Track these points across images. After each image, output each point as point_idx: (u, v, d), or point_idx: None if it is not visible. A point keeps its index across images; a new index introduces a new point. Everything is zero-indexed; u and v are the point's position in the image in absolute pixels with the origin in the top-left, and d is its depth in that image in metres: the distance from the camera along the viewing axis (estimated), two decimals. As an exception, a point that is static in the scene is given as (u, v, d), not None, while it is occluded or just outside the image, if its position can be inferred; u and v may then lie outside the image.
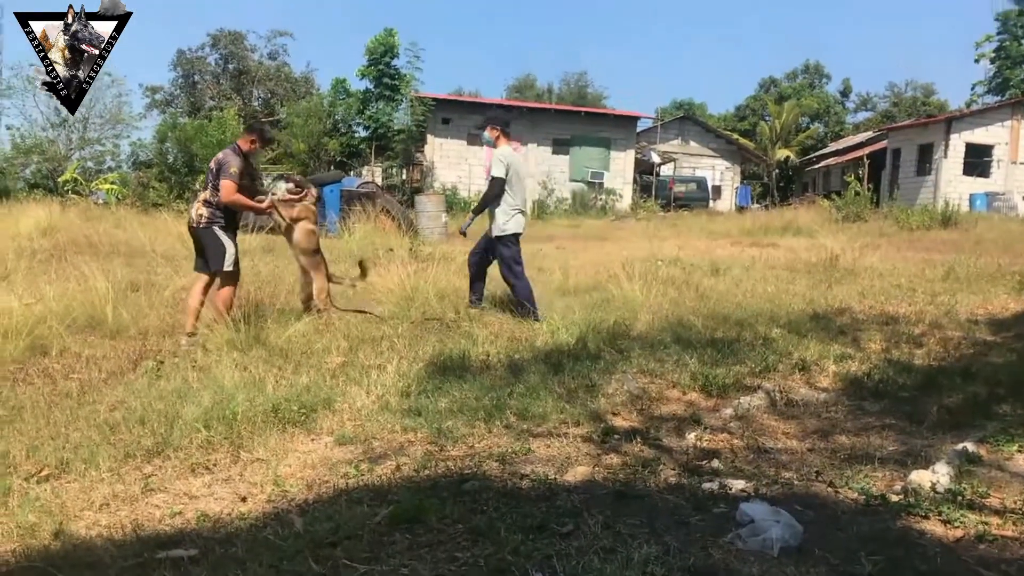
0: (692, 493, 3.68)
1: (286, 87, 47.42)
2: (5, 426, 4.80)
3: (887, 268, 11.63)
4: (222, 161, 7.08)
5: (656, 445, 4.46)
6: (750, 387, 5.57)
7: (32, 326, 6.69)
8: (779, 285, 9.96)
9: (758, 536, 3.08)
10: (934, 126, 33.82)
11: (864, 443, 4.53)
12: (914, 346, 6.76)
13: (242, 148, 7.28)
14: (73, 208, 18.48)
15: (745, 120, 60.62)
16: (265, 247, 13.71)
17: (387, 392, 5.28)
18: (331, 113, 34.08)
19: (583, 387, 5.41)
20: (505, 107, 34.74)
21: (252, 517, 3.50)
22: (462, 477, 3.87)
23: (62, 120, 37.53)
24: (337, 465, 4.14)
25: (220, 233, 7.08)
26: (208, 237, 7.09)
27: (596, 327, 6.94)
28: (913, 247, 15.85)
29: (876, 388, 5.60)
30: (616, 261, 11.70)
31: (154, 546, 3.20)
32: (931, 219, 20.88)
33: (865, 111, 66.91)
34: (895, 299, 8.90)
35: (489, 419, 4.73)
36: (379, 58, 31.60)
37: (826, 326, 7.32)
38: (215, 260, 7.08)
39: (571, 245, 16.99)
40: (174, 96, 47.74)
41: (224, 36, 47.46)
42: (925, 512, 3.41)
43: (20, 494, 3.75)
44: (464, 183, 32.28)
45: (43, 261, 11.08)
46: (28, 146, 36.12)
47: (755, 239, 18.29)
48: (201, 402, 4.90)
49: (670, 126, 43.22)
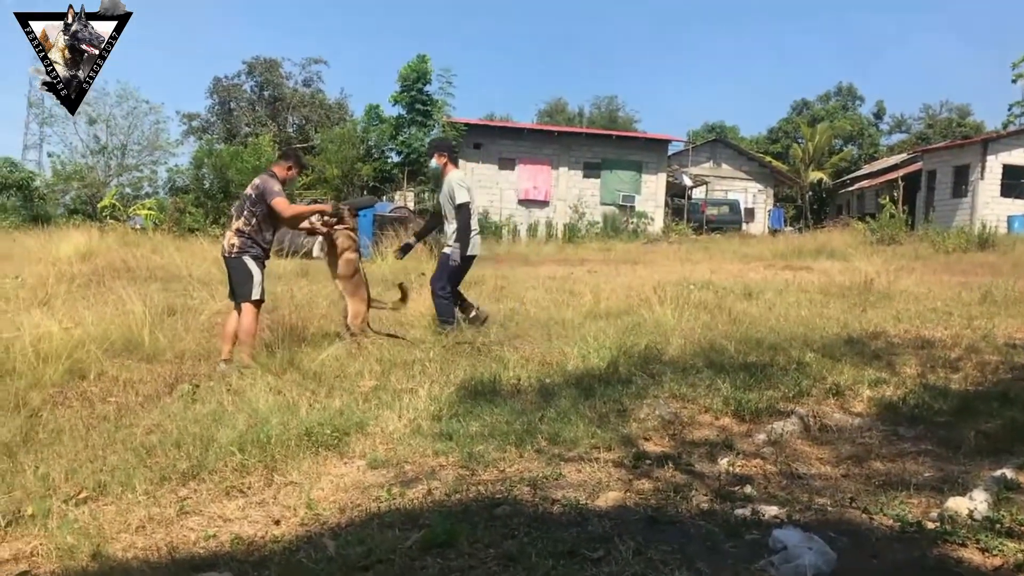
0: (724, 519, 3.65)
1: (320, 113, 47.98)
2: (45, 449, 4.89)
3: (922, 291, 11.50)
4: (263, 187, 7.12)
5: (688, 470, 4.43)
6: (783, 412, 5.51)
7: (71, 350, 6.81)
8: (813, 309, 9.88)
9: (791, 563, 3.05)
10: (970, 147, 33.46)
11: (899, 469, 4.47)
12: (950, 371, 6.66)
13: (278, 175, 7.32)
14: (111, 233, 18.81)
15: (778, 143, 60.34)
16: (299, 271, 13.85)
17: (419, 416, 5.30)
18: (364, 139, 34.39)
19: (614, 412, 5.40)
20: (536, 131, 34.89)
21: (285, 540, 3.53)
22: (493, 502, 3.87)
23: (101, 147, 38.39)
24: (369, 489, 4.16)
25: (249, 262, 7.10)
26: (237, 266, 7.11)
27: (628, 351, 6.93)
28: (949, 270, 15.66)
29: (911, 413, 5.53)
30: (648, 285, 11.68)
31: (189, 568, 3.24)
32: (967, 241, 20.64)
33: (899, 133, 66.52)
34: (931, 323, 8.79)
35: (520, 443, 4.73)
36: (412, 84, 31.85)
37: (860, 350, 7.24)
38: (243, 290, 7.08)
39: (603, 269, 16.98)
40: (210, 123, 48.48)
41: (260, 64, 48.20)
42: (962, 540, 3.35)
43: (59, 516, 3.81)
44: (495, 207, 32.41)
45: (82, 285, 11.26)
46: (68, 173, 36.93)
47: (788, 262, 18.18)
48: (236, 425, 4.96)
49: (702, 149, 43.16)
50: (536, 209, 33.03)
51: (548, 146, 33.54)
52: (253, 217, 7.11)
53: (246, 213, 7.14)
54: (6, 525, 3.72)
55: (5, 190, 33.15)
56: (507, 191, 32.95)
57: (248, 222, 7.11)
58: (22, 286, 9.85)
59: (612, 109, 65.54)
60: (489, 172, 33.10)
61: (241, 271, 7.09)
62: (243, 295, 7.08)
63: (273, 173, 7.34)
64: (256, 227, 7.15)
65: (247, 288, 7.06)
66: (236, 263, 7.10)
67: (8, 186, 33.26)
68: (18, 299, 8.88)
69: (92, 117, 38.52)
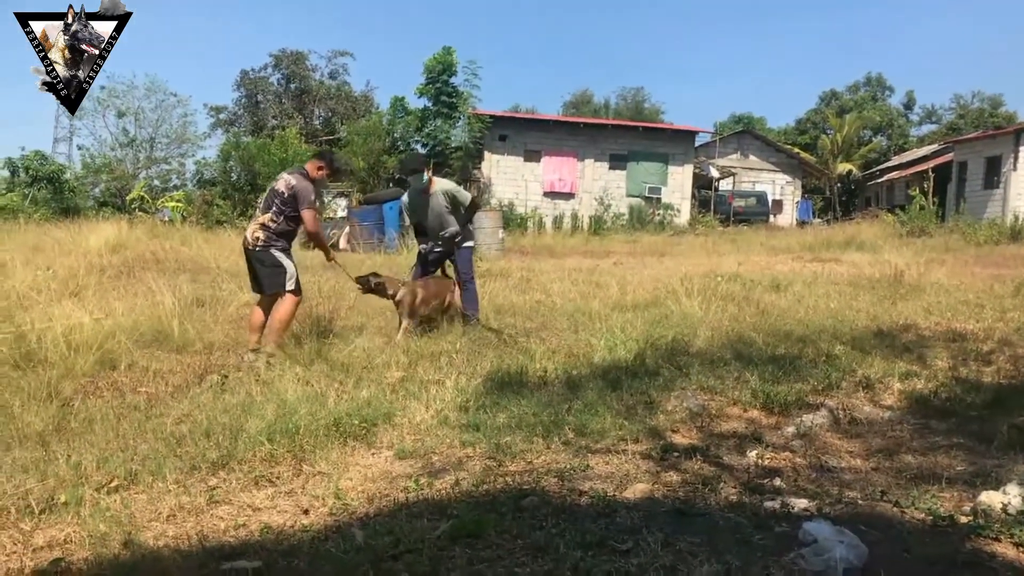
0: (753, 512, 3.63)
1: (346, 106, 48.08)
2: (77, 438, 4.95)
3: (954, 284, 11.36)
4: (298, 189, 7.08)
5: (716, 463, 4.41)
6: (813, 405, 5.48)
7: (102, 340, 6.89)
8: (842, 301, 9.79)
9: (821, 556, 3.03)
10: (1002, 138, 32.92)
11: (931, 463, 4.42)
12: (983, 364, 6.59)
13: (310, 174, 7.28)
14: (140, 225, 18.96)
15: (806, 134, 59.75)
16: (326, 263, 13.90)
17: (446, 407, 5.32)
18: (390, 131, 34.44)
19: (642, 404, 5.38)
20: (562, 123, 34.77)
21: (314, 530, 3.55)
22: (521, 493, 3.87)
23: (130, 140, 38.79)
24: (397, 479, 4.17)
25: (279, 254, 7.11)
26: (266, 258, 7.10)
27: (655, 343, 6.90)
28: (981, 262, 15.46)
29: (943, 406, 5.47)
30: (675, 277, 11.63)
31: (219, 557, 3.27)
32: (1000, 233, 20.40)
33: (930, 123, 65.57)
34: (962, 316, 8.69)
35: (547, 435, 4.73)
36: (437, 76, 31.82)
37: (891, 343, 7.18)
38: (273, 282, 7.10)
39: (629, 261, 16.93)
40: (237, 115, 48.72)
41: (286, 56, 48.37)
42: (996, 534, 3.31)
43: (91, 504, 3.86)
44: (521, 199, 32.35)
45: (112, 277, 11.39)
46: (98, 165, 37.36)
47: (817, 254, 18.02)
48: (265, 416, 4.99)
49: (729, 140, 42.84)
50: (562, 201, 32.92)
51: (574, 138, 33.39)
52: (281, 215, 7.10)
53: (274, 209, 7.11)
54: (40, 513, 3.77)
55: (36, 183, 33.53)
56: (532, 183, 32.85)
57: (276, 219, 7.10)
58: (53, 278, 9.95)
59: (638, 100, 65.07)
60: (515, 164, 33.04)
61: (270, 263, 7.09)
62: (277, 286, 7.09)
63: (306, 172, 7.29)
64: (283, 224, 7.15)
65: (280, 280, 7.08)
66: (263, 255, 7.10)
67: (39, 179, 33.63)
68: (50, 290, 8.97)
69: (121, 110, 38.98)
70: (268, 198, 7.25)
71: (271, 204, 7.14)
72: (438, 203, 8.25)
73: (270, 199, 7.20)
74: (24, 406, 5.48)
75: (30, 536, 3.54)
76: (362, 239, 18.93)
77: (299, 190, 7.08)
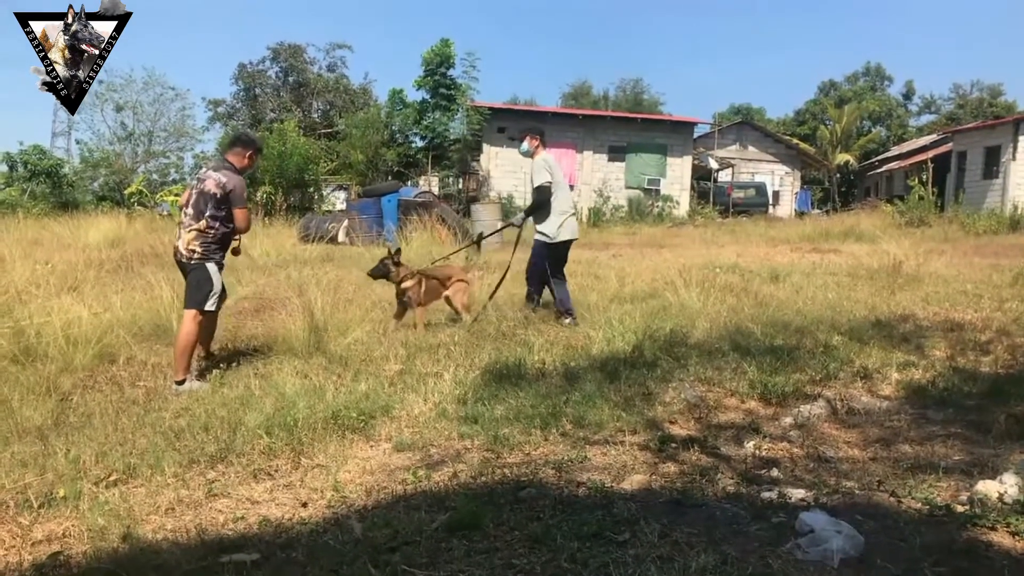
0: (751, 502, 3.64)
1: (344, 99, 47.91)
2: (76, 432, 4.96)
3: (952, 274, 11.36)
4: (232, 186, 6.36)
5: (714, 453, 4.42)
6: (810, 395, 5.49)
7: (101, 335, 6.89)
8: (840, 292, 9.79)
9: (818, 546, 3.04)
10: (1001, 128, 32.85)
11: (928, 452, 4.43)
12: (980, 353, 6.59)
13: (238, 165, 6.57)
14: (139, 220, 18.97)
15: (804, 124, 59.64)
16: (325, 256, 13.93)
17: (444, 399, 5.33)
18: (388, 124, 34.34)
19: (640, 395, 5.39)
20: (560, 115, 34.72)
21: (313, 522, 3.56)
22: (519, 484, 3.88)
23: (128, 134, 38.71)
24: (395, 471, 4.18)
25: (212, 268, 6.37)
26: (200, 273, 6.35)
27: (653, 335, 6.90)
28: (980, 252, 15.46)
29: (940, 396, 5.48)
30: (673, 268, 11.62)
31: (217, 550, 3.28)
32: (999, 223, 20.39)
33: (929, 113, 65.49)
34: (961, 305, 8.70)
35: (545, 427, 4.74)
36: (435, 69, 31.71)
37: (889, 333, 7.18)
38: (194, 297, 6.31)
39: (628, 253, 16.90)
40: (236, 109, 48.54)
41: (284, 49, 48.16)
42: (992, 523, 3.32)
43: (90, 498, 3.87)
44: (520, 191, 32.28)
45: (111, 271, 11.39)
46: (96, 160, 37.27)
47: (816, 245, 18.02)
48: (263, 409, 5.00)
49: (728, 131, 42.79)
50: (561, 193, 32.85)
51: (573, 130, 33.33)
52: (217, 220, 6.36)
53: (209, 215, 6.32)
54: (38, 507, 3.78)
55: (35, 177, 33.45)
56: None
57: (212, 225, 6.33)
58: (52, 272, 9.95)
59: (637, 92, 64.89)
60: (513, 156, 32.77)
61: (203, 278, 6.34)
62: (196, 303, 6.32)
63: (232, 166, 6.53)
64: (220, 229, 6.41)
65: (200, 296, 6.32)
66: (199, 268, 6.35)
67: (37, 173, 33.55)
68: (48, 285, 8.97)
69: (119, 104, 38.87)
70: (197, 202, 6.35)
71: (203, 209, 6.31)
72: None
73: (200, 203, 6.33)
74: (23, 400, 5.49)
75: (29, 530, 3.55)
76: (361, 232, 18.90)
77: (234, 187, 6.35)
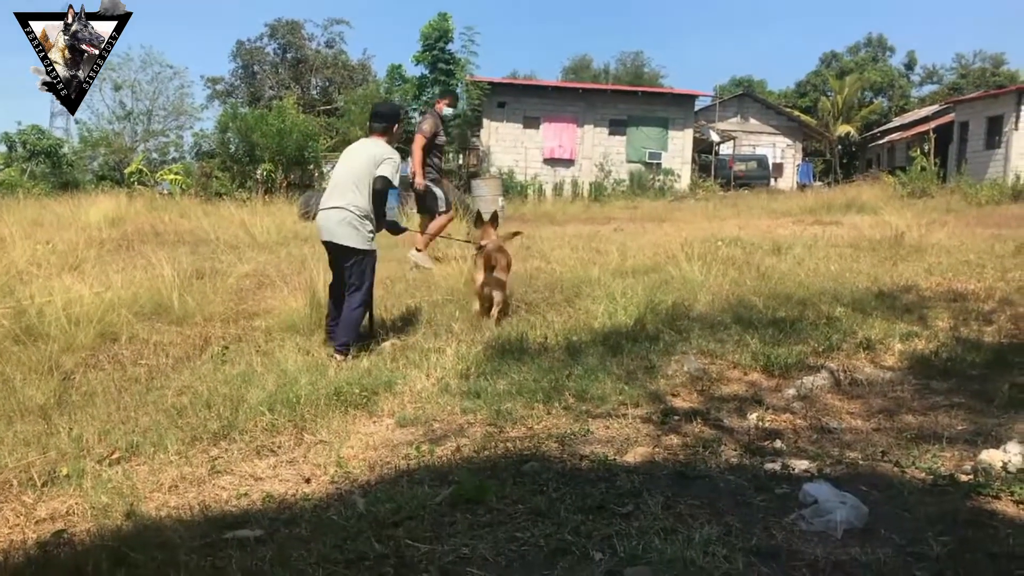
0: (754, 474, 3.64)
1: (343, 75, 47.69)
2: (78, 411, 4.96)
3: (955, 244, 11.29)
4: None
5: (717, 425, 4.42)
6: (813, 367, 5.47)
7: (102, 314, 6.88)
8: (843, 263, 9.75)
9: (822, 517, 3.04)
10: (1004, 97, 32.62)
11: (931, 422, 4.43)
12: (984, 323, 6.57)
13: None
14: (139, 199, 18.90)
15: (806, 96, 59.25)
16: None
17: (447, 374, 5.32)
18: (387, 99, 34.24)
19: (642, 368, 5.38)
20: (561, 89, 34.53)
21: (316, 498, 3.56)
22: (522, 458, 3.88)
23: (127, 113, 38.53)
24: (398, 447, 4.19)
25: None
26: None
27: (655, 308, 6.88)
28: (982, 222, 15.38)
29: (944, 366, 5.46)
30: (675, 242, 11.57)
31: (221, 526, 3.28)
32: (1001, 193, 20.28)
33: (931, 84, 65.01)
34: (963, 276, 8.66)
35: (548, 400, 4.74)
36: (434, 43, 31.44)
37: (891, 304, 7.15)
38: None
39: (629, 227, 16.84)
40: (234, 87, 48.39)
41: (282, 26, 47.90)
42: (996, 492, 3.32)
43: (93, 476, 3.88)
44: (520, 167, 32.18)
45: (112, 250, 11.37)
46: (96, 139, 37.07)
47: (817, 217, 17.93)
48: (265, 386, 5.01)
49: (729, 104, 42.60)
50: (562, 168, 32.73)
51: (573, 104, 33.13)
52: None
53: None
54: (42, 485, 3.79)
55: (34, 157, 33.32)
56: (532, 150, 32.64)
57: None
58: (53, 252, 9.94)
59: (638, 65, 64.37)
60: (514, 131, 32.82)
61: None
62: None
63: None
64: None
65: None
66: None
67: (37, 153, 33.41)
68: (49, 264, 8.96)
69: (117, 83, 38.60)
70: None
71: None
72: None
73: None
74: (25, 380, 5.49)
75: (32, 508, 3.56)
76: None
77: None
